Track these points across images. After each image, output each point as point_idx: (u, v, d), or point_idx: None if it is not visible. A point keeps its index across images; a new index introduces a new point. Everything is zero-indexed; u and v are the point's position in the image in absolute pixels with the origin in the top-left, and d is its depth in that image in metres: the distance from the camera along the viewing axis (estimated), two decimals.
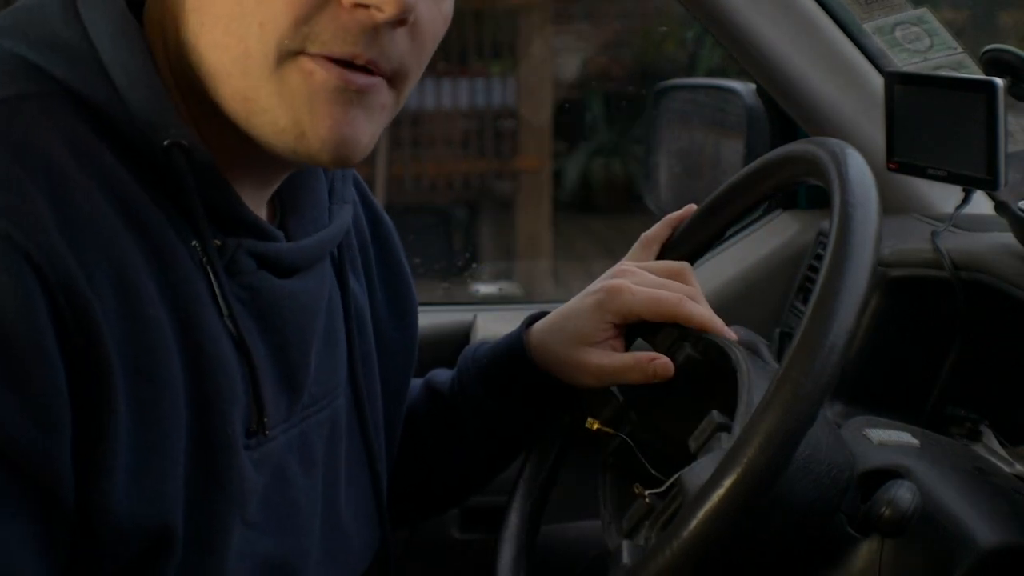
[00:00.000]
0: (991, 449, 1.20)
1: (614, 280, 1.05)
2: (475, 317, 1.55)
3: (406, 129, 5.52)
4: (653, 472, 0.99)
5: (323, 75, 0.77)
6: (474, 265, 5.54)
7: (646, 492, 0.90)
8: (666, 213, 1.14)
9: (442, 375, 1.16)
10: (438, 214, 5.63)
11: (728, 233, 1.20)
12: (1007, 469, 1.11)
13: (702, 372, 1.00)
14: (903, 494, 0.89)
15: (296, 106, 0.78)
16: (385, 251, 1.08)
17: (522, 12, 5.59)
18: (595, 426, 1.03)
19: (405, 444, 1.12)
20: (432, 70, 5.98)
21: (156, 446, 0.76)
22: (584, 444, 1.07)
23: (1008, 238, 1.15)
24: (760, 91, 1.54)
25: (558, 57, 5.73)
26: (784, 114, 1.50)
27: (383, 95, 0.81)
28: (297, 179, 0.92)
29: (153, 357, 0.75)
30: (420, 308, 1.12)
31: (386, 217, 1.10)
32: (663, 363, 1.00)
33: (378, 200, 1.10)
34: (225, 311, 0.80)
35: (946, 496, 0.91)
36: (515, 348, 1.08)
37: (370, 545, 1.02)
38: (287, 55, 0.77)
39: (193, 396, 0.78)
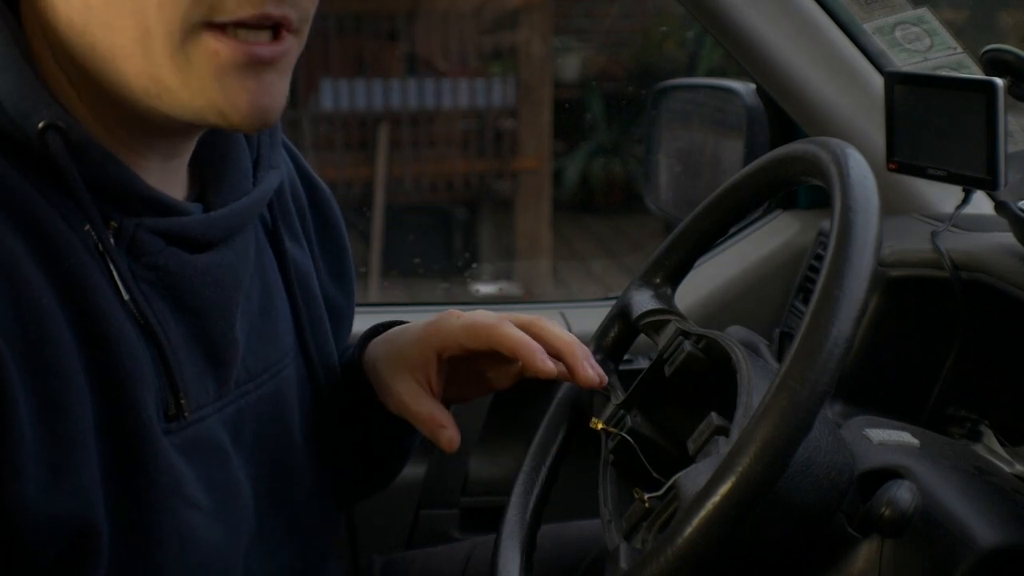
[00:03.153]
0: (991, 449, 1.21)
1: (450, 309, 1.00)
2: None
3: (406, 129, 5.52)
4: (653, 472, 0.99)
5: (229, 53, 0.75)
6: (474, 265, 5.54)
7: (646, 496, 0.91)
8: (666, 213, 1.14)
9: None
10: (438, 214, 5.63)
11: (729, 232, 1.20)
12: (1007, 469, 1.11)
13: (703, 370, 1.00)
14: (903, 494, 0.89)
15: (207, 87, 0.76)
16: (323, 217, 1.05)
17: (522, 12, 5.59)
18: (599, 426, 1.03)
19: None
20: (432, 70, 5.99)
21: (66, 439, 0.74)
22: (584, 444, 1.07)
23: (1008, 238, 1.15)
24: (760, 91, 1.54)
25: (558, 57, 5.74)
26: (784, 114, 1.50)
27: (292, 53, 0.79)
28: (217, 148, 0.90)
29: (50, 349, 0.73)
30: (420, 308, 1.12)
31: (322, 184, 1.07)
32: (448, 437, 0.96)
33: (378, 198, 1.09)
34: (125, 295, 0.78)
35: (946, 496, 0.91)
36: (355, 355, 1.05)
37: (330, 518, 1.00)
38: (191, 30, 0.74)
39: (98, 385, 0.76)
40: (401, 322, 1.07)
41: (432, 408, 0.97)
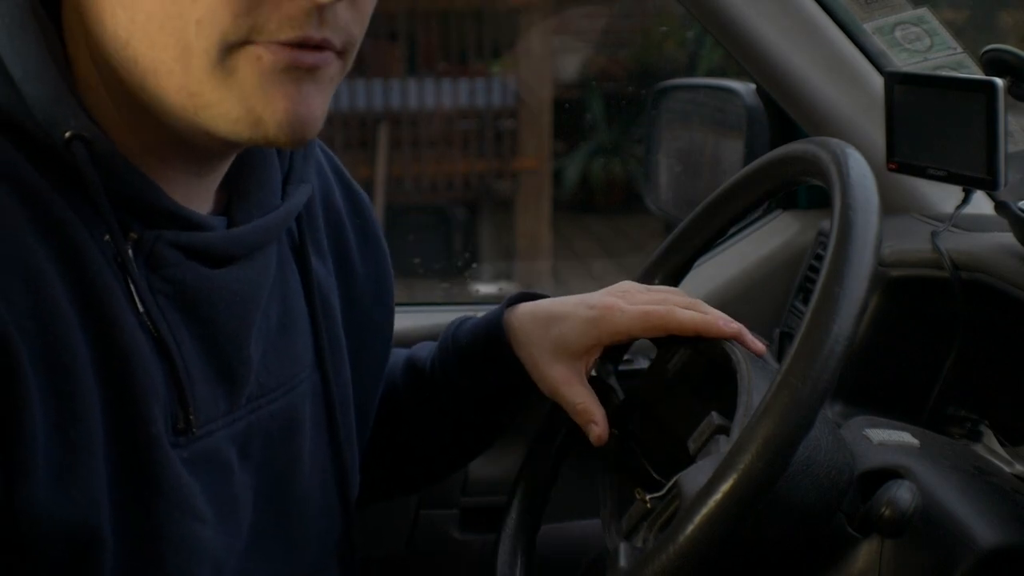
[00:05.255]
0: (991, 449, 1.20)
1: (608, 299, 1.05)
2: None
3: (406, 129, 5.52)
4: (653, 473, 0.99)
5: (272, 58, 0.75)
6: (474, 265, 5.54)
7: (647, 496, 0.91)
8: (666, 213, 1.14)
9: (423, 350, 1.14)
10: (438, 214, 5.63)
11: (729, 233, 1.20)
12: (1007, 469, 1.11)
13: (703, 370, 1.00)
14: (903, 494, 0.89)
15: (247, 94, 0.76)
16: (364, 227, 1.06)
17: (522, 12, 5.59)
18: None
19: (382, 419, 1.11)
20: (432, 70, 5.99)
21: (78, 445, 0.74)
22: (584, 444, 1.07)
23: (1008, 238, 1.14)
24: (760, 91, 1.54)
25: (558, 57, 5.73)
26: (784, 114, 1.50)
27: (332, 67, 0.79)
28: (245, 162, 0.89)
29: (67, 354, 0.74)
30: (420, 308, 1.12)
31: (361, 191, 1.07)
32: (597, 434, 1.02)
33: (378, 198, 1.09)
34: (140, 307, 0.78)
35: (946, 496, 0.91)
36: (494, 331, 1.07)
37: (330, 534, 1.00)
38: (232, 47, 0.75)
39: (110, 394, 0.77)
40: (538, 295, 1.11)
41: (588, 400, 1.03)
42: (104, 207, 0.77)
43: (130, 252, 0.78)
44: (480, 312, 1.55)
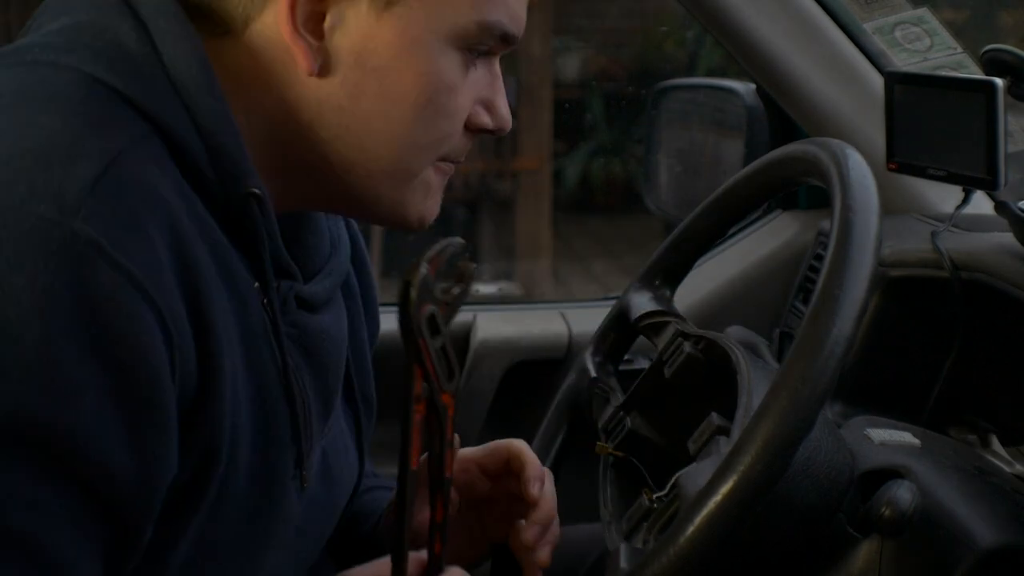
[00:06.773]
0: (991, 449, 1.21)
1: None
2: (475, 317, 1.55)
3: None
4: (649, 481, 0.99)
5: (449, 172, 0.89)
6: (474, 265, 5.53)
7: (652, 496, 0.91)
8: (666, 213, 1.14)
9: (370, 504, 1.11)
10: (438, 214, 5.62)
11: (729, 233, 1.20)
12: (1007, 469, 1.11)
13: (703, 371, 1.00)
14: (903, 494, 0.89)
15: (423, 198, 0.88)
16: (354, 255, 1.07)
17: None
18: (607, 450, 1.03)
19: None
20: None
21: (271, 476, 0.81)
22: (584, 444, 1.07)
23: (1008, 238, 1.15)
24: (760, 91, 1.54)
25: (558, 57, 5.73)
26: (784, 114, 1.50)
27: None
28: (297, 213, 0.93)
29: (235, 400, 0.77)
30: None
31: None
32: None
33: None
34: (277, 352, 0.82)
35: (946, 496, 0.91)
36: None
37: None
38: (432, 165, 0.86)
39: (256, 435, 0.80)
40: None
41: None
42: (267, 260, 0.81)
43: (277, 300, 0.82)
44: (480, 312, 1.55)
